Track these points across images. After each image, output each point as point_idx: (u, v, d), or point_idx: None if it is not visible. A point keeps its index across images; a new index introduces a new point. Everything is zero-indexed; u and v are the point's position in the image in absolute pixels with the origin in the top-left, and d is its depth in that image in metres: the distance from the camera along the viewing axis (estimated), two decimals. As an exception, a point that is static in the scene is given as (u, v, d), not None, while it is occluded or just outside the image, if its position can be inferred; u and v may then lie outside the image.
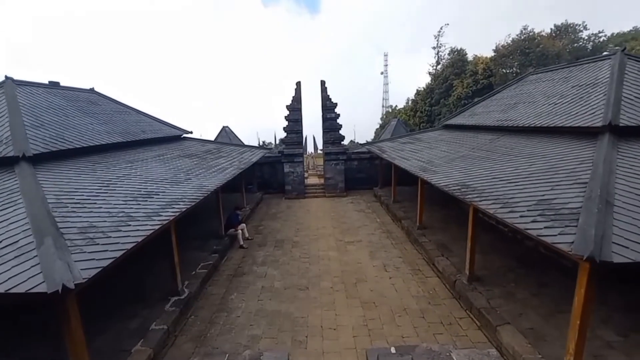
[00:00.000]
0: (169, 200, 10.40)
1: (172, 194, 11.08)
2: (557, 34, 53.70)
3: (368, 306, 10.82)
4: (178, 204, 10.28)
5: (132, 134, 17.69)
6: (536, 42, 49.46)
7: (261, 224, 19.82)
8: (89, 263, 6.19)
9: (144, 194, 10.60)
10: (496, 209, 8.40)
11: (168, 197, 10.68)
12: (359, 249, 15.52)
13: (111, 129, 16.67)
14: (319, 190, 27.89)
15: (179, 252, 11.09)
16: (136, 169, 13.34)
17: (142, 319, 9.67)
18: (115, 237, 7.36)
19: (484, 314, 9.37)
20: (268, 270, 13.57)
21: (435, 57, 67.94)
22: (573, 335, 6.58)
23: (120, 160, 14.03)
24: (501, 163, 11.90)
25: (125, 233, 7.64)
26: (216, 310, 10.81)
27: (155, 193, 10.87)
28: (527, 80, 20.32)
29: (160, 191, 11.17)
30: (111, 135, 15.92)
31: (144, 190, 10.98)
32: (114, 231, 7.61)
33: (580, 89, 14.16)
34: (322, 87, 26.75)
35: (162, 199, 10.41)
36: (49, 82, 18.06)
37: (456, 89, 52.07)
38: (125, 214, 8.69)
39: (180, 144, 21.39)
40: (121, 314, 9.87)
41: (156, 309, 10.14)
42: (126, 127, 18.17)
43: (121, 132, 17.01)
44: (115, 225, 7.93)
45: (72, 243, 6.72)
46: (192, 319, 10.40)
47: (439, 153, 16.97)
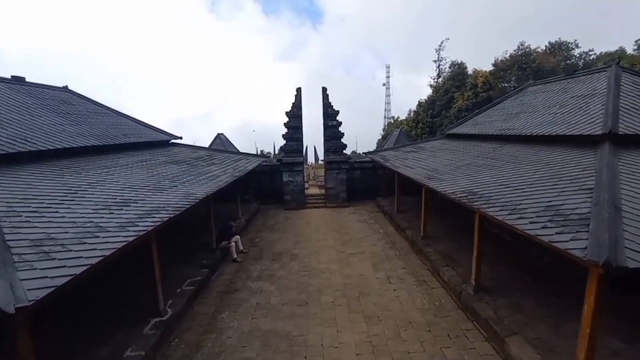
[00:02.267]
0: (149, 209, 9.54)
1: (152, 203, 10.23)
2: (552, 50, 56.33)
3: (372, 321, 10.32)
4: (159, 212, 9.43)
5: (111, 137, 16.61)
6: (532, 58, 51.46)
7: (257, 236, 19.16)
8: (39, 282, 5.30)
9: (119, 202, 9.65)
10: (504, 216, 8.05)
11: (148, 206, 9.81)
12: (361, 260, 15.03)
13: (86, 131, 15.58)
14: (320, 200, 27.38)
15: (160, 267, 10.16)
16: (113, 175, 12.42)
17: (116, 344, 8.62)
18: (78, 250, 6.44)
19: (491, 325, 8.99)
20: (264, 285, 12.92)
21: (437, 70, 68.78)
22: (583, 345, 6.33)
23: (95, 166, 13.07)
24: (506, 170, 11.67)
25: (92, 246, 6.71)
26: (204, 332, 9.96)
27: (133, 201, 9.94)
28: (527, 91, 20.58)
29: (139, 199, 10.27)
30: (85, 138, 14.80)
31: (120, 198, 10.04)
32: (76, 244, 6.67)
33: (578, 99, 14.43)
34: (324, 94, 26.35)
35: (141, 208, 9.52)
36: (11, 77, 16.98)
37: (457, 101, 52.57)
38: (94, 224, 7.74)
39: (167, 149, 20.28)
40: (92, 339, 8.80)
41: (133, 332, 9.08)
42: (104, 130, 17.04)
43: (98, 135, 15.91)
44: (80, 237, 6.97)
45: (19, 258, 5.81)
46: (176, 342, 9.50)
47: (444, 161, 16.67)
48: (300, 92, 26.14)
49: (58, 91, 18.96)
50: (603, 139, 10.49)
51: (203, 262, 13.91)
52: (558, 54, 55.10)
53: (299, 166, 26.17)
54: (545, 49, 56.01)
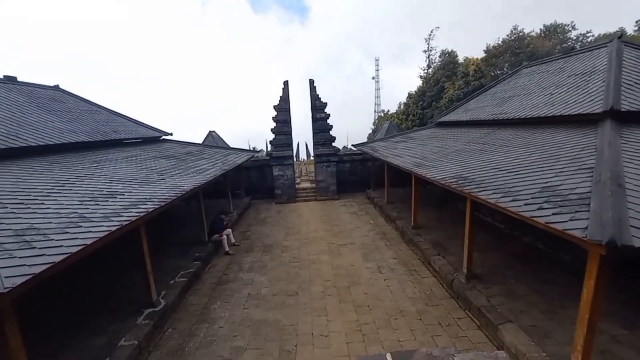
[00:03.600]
0: (135, 201, 9.44)
1: (139, 195, 10.12)
2: (547, 34, 53.74)
3: (362, 310, 10.15)
4: (145, 204, 9.31)
5: (102, 134, 16.74)
6: (526, 42, 49.52)
7: (249, 229, 19.00)
8: (17, 270, 5.25)
9: (105, 194, 9.66)
10: (497, 199, 7.78)
11: (134, 198, 9.75)
12: (351, 251, 14.85)
13: (76, 128, 15.72)
14: (310, 194, 27.19)
15: (152, 259, 10.18)
16: (102, 169, 12.47)
17: (110, 334, 8.73)
18: (59, 240, 6.38)
19: (484, 313, 8.79)
20: (255, 276, 12.82)
21: (427, 60, 67.69)
22: (582, 330, 6.11)
23: (85, 161, 13.14)
24: (499, 154, 11.39)
25: (73, 235, 6.65)
26: (196, 322, 9.96)
27: (119, 193, 9.94)
28: (521, 73, 20.04)
29: (125, 191, 10.24)
30: (76, 134, 14.98)
31: (107, 190, 10.06)
32: (58, 233, 6.63)
33: (576, 77, 13.88)
34: (311, 87, 25.95)
35: (127, 200, 9.47)
36: (3, 76, 17.10)
37: (448, 91, 51.97)
38: (78, 215, 7.71)
39: (158, 145, 20.35)
40: (87, 330, 8.92)
41: (127, 322, 9.18)
42: (95, 127, 17.18)
43: (88, 132, 16.05)
44: (62, 227, 6.94)
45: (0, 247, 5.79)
46: (169, 332, 9.52)
47: (433, 149, 16.43)
48: (288, 86, 25.70)
49: (50, 90, 19.07)
50: (604, 116, 10.12)
51: (195, 255, 13.92)
52: (553, 37, 53.10)
53: (289, 160, 25.92)
54: (540, 33, 54.03)
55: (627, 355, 7.01)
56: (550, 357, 6.99)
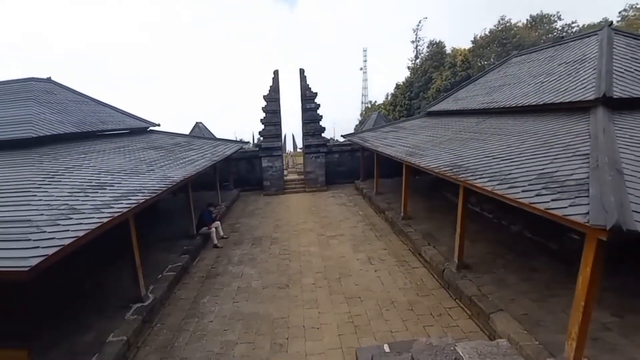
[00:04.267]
0: (125, 192, 9.28)
1: (129, 186, 9.96)
2: (533, 24, 54.18)
3: (353, 301, 10.08)
4: (135, 195, 9.16)
5: (89, 125, 16.51)
6: (513, 33, 49.74)
7: (238, 221, 18.82)
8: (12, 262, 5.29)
9: (95, 185, 9.52)
10: (494, 186, 7.65)
11: (124, 189, 9.58)
12: (341, 242, 14.77)
13: (65, 119, 15.48)
14: (299, 185, 27.03)
15: (141, 253, 9.95)
16: (90, 160, 12.25)
17: (98, 330, 8.52)
18: (51, 232, 6.27)
19: (476, 302, 8.77)
20: (245, 269, 12.68)
21: (414, 51, 67.39)
22: (576, 318, 6.01)
23: (73, 152, 12.91)
24: (491, 143, 11.28)
25: (65, 227, 6.53)
26: (186, 316, 9.81)
27: (109, 184, 9.80)
28: (510, 62, 19.94)
29: (115, 182, 10.09)
30: (64, 125, 14.75)
31: (96, 181, 9.92)
32: (50, 225, 6.52)
33: (567, 65, 13.80)
34: (301, 76, 25.60)
35: (117, 191, 9.31)
36: None
37: (435, 81, 52.06)
38: (69, 207, 7.59)
39: (146, 136, 20.08)
40: (74, 326, 8.70)
41: (116, 318, 9.00)
42: (82, 117, 16.92)
43: (76, 122, 15.81)
44: (54, 219, 6.82)
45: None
46: (158, 327, 9.37)
47: (425, 138, 16.31)
48: (278, 75, 25.36)
49: (43, 82, 18.84)
50: (596, 104, 10.01)
51: (184, 248, 13.75)
52: (540, 27, 53.73)
53: (278, 151, 25.65)
54: (527, 23, 54.65)
55: (619, 343, 6.98)
56: (543, 345, 6.95)
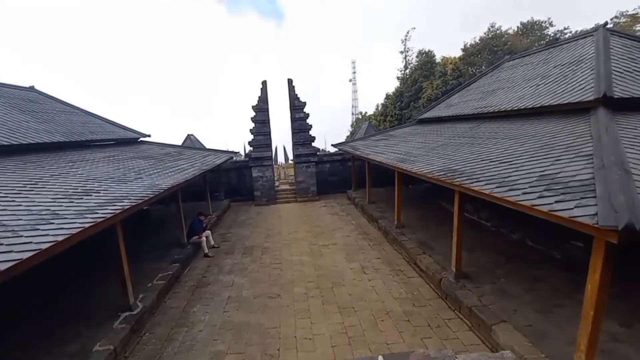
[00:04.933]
0: (111, 198, 8.93)
1: (115, 193, 9.62)
2: (524, 31, 53.78)
3: (347, 312, 9.66)
4: (121, 201, 8.80)
5: (78, 134, 16.29)
6: (504, 40, 49.55)
7: (229, 231, 18.42)
8: None
9: (80, 192, 9.14)
10: (492, 189, 7.32)
11: (110, 195, 9.21)
12: (334, 252, 14.38)
13: (52, 128, 15.26)
14: (290, 195, 26.67)
15: (129, 261, 9.67)
16: (77, 168, 11.93)
17: (85, 339, 8.16)
18: (29, 236, 5.90)
19: (476, 313, 8.34)
20: (235, 278, 12.27)
21: (403, 61, 67.29)
22: (586, 329, 5.65)
23: (60, 160, 12.64)
24: (487, 147, 10.98)
25: (44, 232, 6.19)
26: (175, 326, 9.41)
27: (95, 191, 9.41)
28: (503, 67, 19.81)
29: (101, 189, 9.72)
30: (51, 135, 14.52)
31: (82, 188, 9.51)
32: (28, 230, 6.15)
33: (563, 68, 13.66)
34: (290, 86, 25.46)
35: (102, 197, 8.93)
36: None
37: (426, 90, 51.68)
38: (50, 212, 7.26)
39: (136, 147, 19.89)
40: (60, 335, 8.38)
41: (103, 327, 8.63)
42: (71, 127, 16.76)
43: (64, 132, 15.61)
44: (33, 224, 6.47)
45: None
46: (147, 336, 8.97)
47: (416, 144, 16.01)
48: (266, 86, 25.21)
49: (25, 91, 18.78)
50: (596, 104, 9.81)
51: (174, 257, 13.42)
52: (531, 34, 53.04)
53: (268, 160, 25.33)
54: (517, 30, 54.06)
55: (630, 355, 6.62)
56: (550, 358, 6.58)
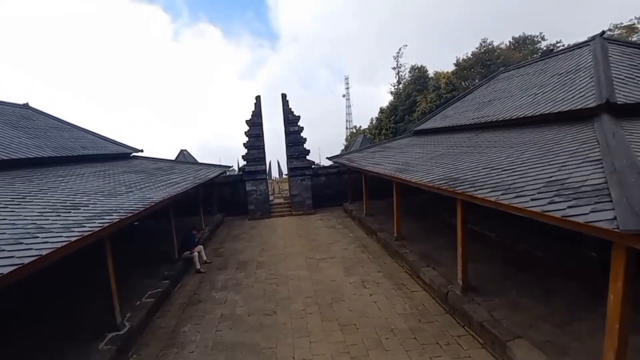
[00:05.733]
0: (99, 212, 8.48)
1: (105, 206, 9.17)
2: (516, 46, 54.08)
3: (348, 329, 9.07)
4: (110, 215, 8.33)
5: (69, 150, 15.94)
6: (496, 55, 49.67)
7: (222, 246, 17.85)
8: None
9: (69, 205, 8.75)
10: (497, 196, 6.87)
11: (99, 209, 8.77)
12: (332, 265, 13.82)
13: (43, 144, 14.93)
14: (285, 209, 26.18)
15: (117, 277, 9.11)
16: (67, 183, 11.56)
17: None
18: (11, 250, 5.50)
19: (488, 329, 7.76)
20: (229, 295, 11.68)
21: (396, 76, 67.69)
22: (611, 343, 5.18)
23: (50, 175, 12.30)
24: (488, 155, 10.60)
25: (27, 246, 5.76)
26: (164, 347, 8.78)
27: (84, 205, 9.01)
28: (498, 78, 19.65)
29: (90, 203, 9.29)
30: (42, 150, 14.19)
31: (71, 202, 9.12)
32: (12, 244, 5.74)
33: (560, 77, 13.47)
34: (284, 101, 25.45)
35: (91, 211, 8.52)
36: None
37: (420, 104, 51.69)
38: (36, 226, 6.83)
39: (128, 162, 19.53)
40: (42, 356, 7.85)
41: (87, 348, 8.01)
42: (62, 143, 16.47)
43: (55, 147, 15.28)
44: (17, 238, 6.07)
45: None
46: (134, 358, 8.38)
47: (414, 155, 15.63)
48: (260, 100, 25.23)
49: (18, 108, 18.68)
50: (598, 111, 9.52)
51: (164, 274, 12.81)
52: (523, 48, 53.29)
53: (262, 174, 25.01)
54: (510, 45, 54.44)
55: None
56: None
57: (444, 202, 9.29)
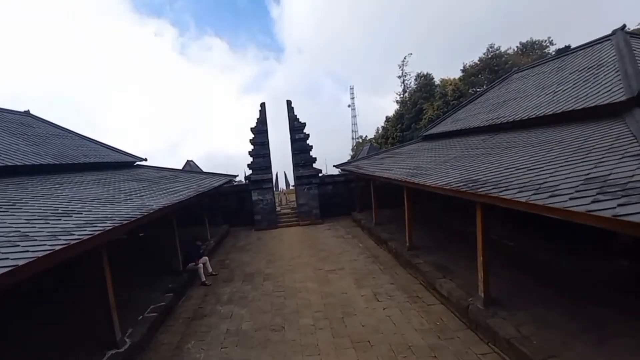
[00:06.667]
0: (92, 219, 7.86)
1: (99, 214, 8.57)
2: (524, 51, 53.29)
3: (361, 346, 8.37)
4: (104, 222, 7.70)
5: (70, 157, 15.56)
6: (504, 60, 48.91)
7: (227, 257, 17.25)
8: None
9: (60, 212, 8.18)
10: (528, 197, 6.15)
11: (92, 217, 8.15)
12: (342, 277, 13.15)
13: (42, 151, 14.60)
14: (292, 219, 25.53)
15: (115, 291, 8.53)
16: (63, 190, 11.07)
17: None
18: None
19: (517, 346, 7.02)
20: (235, 309, 11.05)
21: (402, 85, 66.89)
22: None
23: (47, 182, 11.87)
24: (508, 156, 9.95)
25: (4, 255, 5.17)
26: (167, 366, 8.12)
27: (76, 212, 8.43)
28: (512, 79, 19.05)
29: (84, 210, 8.71)
30: (41, 157, 13.81)
31: (63, 209, 8.55)
32: None
33: (581, 73, 12.90)
34: (289, 107, 24.92)
35: (83, 218, 7.91)
36: None
37: (427, 112, 50.91)
38: (20, 234, 6.27)
39: (131, 170, 19.12)
40: None
41: None
42: (63, 150, 16.12)
43: (55, 155, 14.92)
44: None
45: None
46: (133, 379, 7.71)
47: (426, 159, 14.97)
48: (265, 108, 24.76)
49: (19, 115, 18.48)
50: (628, 105, 8.91)
51: (168, 287, 12.18)
52: (531, 52, 52.37)
53: (269, 183, 24.39)
54: (517, 50, 53.57)
55: None
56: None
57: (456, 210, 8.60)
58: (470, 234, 8.90)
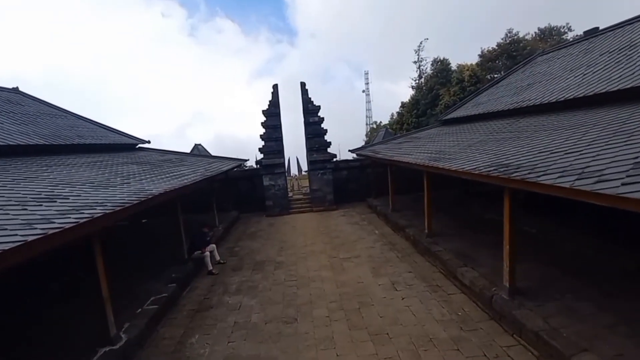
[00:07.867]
0: (79, 205, 7.11)
1: (89, 199, 7.84)
2: (542, 37, 52.27)
3: (380, 339, 7.90)
4: (93, 209, 6.96)
5: (62, 138, 14.92)
6: (522, 45, 48.03)
7: (237, 244, 16.77)
8: None
9: (42, 197, 7.44)
10: (572, 182, 5.52)
11: (80, 202, 7.44)
12: (357, 265, 12.68)
13: (30, 130, 13.98)
14: (305, 205, 25.02)
15: (111, 282, 7.95)
16: (52, 173, 10.37)
17: None
18: None
19: (546, 339, 6.53)
20: (243, 300, 10.58)
21: (417, 70, 65.95)
22: None
23: (34, 165, 11.13)
24: (539, 139, 9.24)
25: None
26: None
27: (62, 197, 7.73)
28: (536, 61, 18.32)
29: (72, 195, 7.97)
30: (29, 137, 13.17)
31: (46, 194, 7.83)
32: None
33: (612, 54, 12.22)
34: (303, 90, 24.13)
35: (69, 204, 7.17)
36: None
37: (443, 97, 50.14)
38: None
39: (132, 153, 18.42)
40: None
41: None
42: (54, 130, 15.47)
43: (45, 135, 14.29)
44: None
45: None
46: (130, 377, 7.27)
47: (448, 143, 14.28)
48: (277, 89, 23.96)
49: (6, 92, 17.57)
50: None
51: (172, 276, 11.53)
52: (550, 39, 51.12)
53: (281, 168, 23.89)
54: (535, 35, 52.52)
55: None
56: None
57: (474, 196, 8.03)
58: (490, 221, 8.43)
